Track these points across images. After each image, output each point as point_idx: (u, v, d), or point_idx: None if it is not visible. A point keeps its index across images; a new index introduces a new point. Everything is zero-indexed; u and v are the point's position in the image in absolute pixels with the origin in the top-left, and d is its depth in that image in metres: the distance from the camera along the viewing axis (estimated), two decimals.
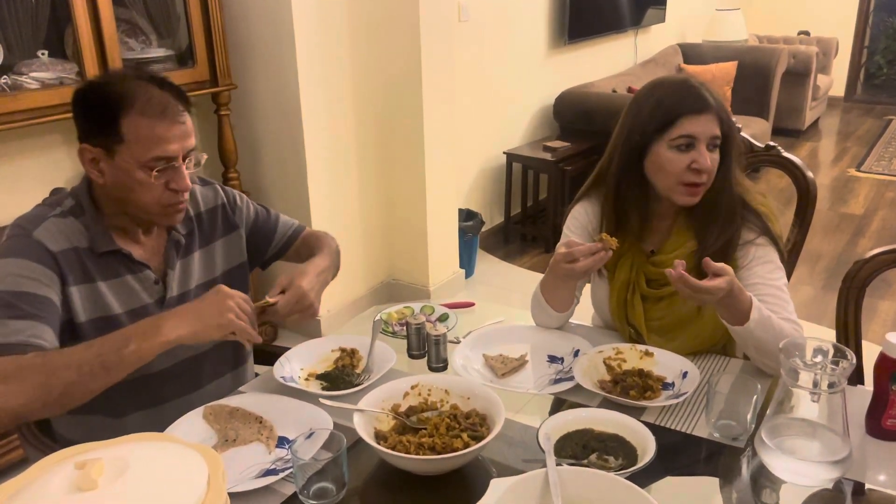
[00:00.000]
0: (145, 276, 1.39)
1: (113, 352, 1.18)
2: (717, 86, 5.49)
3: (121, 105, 1.26)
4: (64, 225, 1.31)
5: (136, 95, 1.27)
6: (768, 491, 1.15)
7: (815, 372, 1.10)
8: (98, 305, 1.33)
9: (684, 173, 1.43)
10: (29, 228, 1.29)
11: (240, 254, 1.56)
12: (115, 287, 1.35)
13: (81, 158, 1.31)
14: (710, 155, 1.43)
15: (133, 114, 1.26)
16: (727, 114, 1.46)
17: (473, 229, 3.79)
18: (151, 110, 1.27)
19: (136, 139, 1.26)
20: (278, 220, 1.64)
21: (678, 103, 1.43)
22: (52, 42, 2.46)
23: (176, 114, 1.29)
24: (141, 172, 1.28)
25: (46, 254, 1.27)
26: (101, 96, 1.28)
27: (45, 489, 0.83)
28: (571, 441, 1.18)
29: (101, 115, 1.27)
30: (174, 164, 1.30)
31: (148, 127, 1.27)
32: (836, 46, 7.04)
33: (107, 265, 1.34)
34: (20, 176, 2.53)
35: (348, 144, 3.18)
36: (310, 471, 1.09)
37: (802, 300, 3.54)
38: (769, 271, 1.45)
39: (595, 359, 1.43)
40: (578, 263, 1.40)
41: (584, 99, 4.51)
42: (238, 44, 2.94)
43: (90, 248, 1.32)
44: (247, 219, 1.59)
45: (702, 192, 1.46)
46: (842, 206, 4.92)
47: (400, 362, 1.47)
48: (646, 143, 1.46)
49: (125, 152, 1.27)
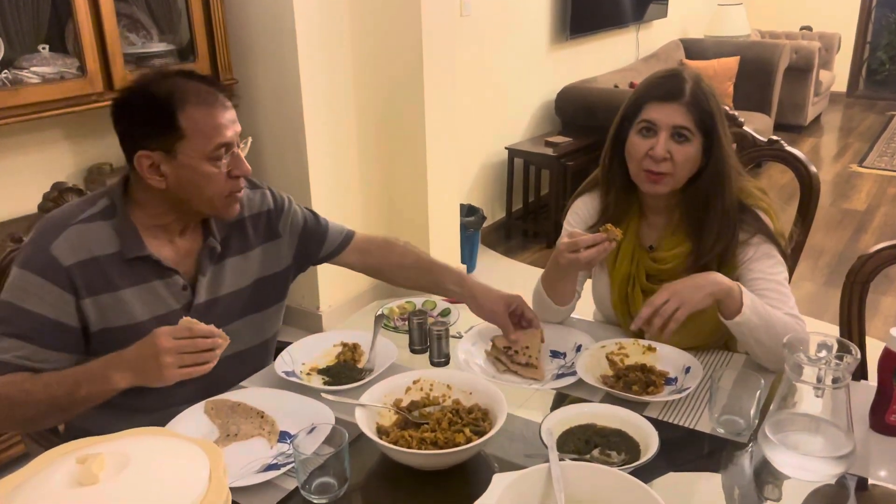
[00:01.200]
0: (174, 282, 1.36)
1: (65, 395, 1.21)
2: (719, 81, 5.47)
3: (174, 101, 1.25)
4: (89, 231, 1.30)
5: (185, 89, 1.26)
6: (771, 486, 1.15)
7: (819, 367, 1.09)
8: (120, 314, 1.31)
9: (644, 159, 1.44)
10: (48, 240, 1.27)
11: (279, 262, 1.53)
12: (140, 293, 1.33)
13: (139, 167, 1.28)
14: (673, 144, 1.42)
15: (189, 107, 1.25)
16: (708, 112, 1.42)
17: (475, 224, 3.78)
18: (204, 100, 1.27)
19: (196, 131, 1.26)
20: (328, 226, 1.61)
21: (648, 90, 1.46)
22: (52, 37, 2.45)
23: (223, 100, 1.30)
24: (207, 164, 1.28)
25: (59, 270, 1.26)
26: (150, 98, 1.27)
27: (46, 483, 0.83)
28: (574, 436, 1.18)
29: (155, 115, 1.26)
30: (234, 151, 1.30)
31: (206, 116, 1.26)
32: (839, 42, 7.02)
33: (134, 270, 1.32)
34: (21, 170, 2.53)
35: (349, 139, 3.17)
36: (311, 465, 1.09)
37: (804, 296, 3.53)
38: (769, 266, 1.44)
39: (597, 354, 1.43)
40: (582, 254, 1.39)
41: (586, 94, 4.50)
42: (239, 38, 2.93)
43: (119, 252, 1.31)
44: (293, 226, 1.55)
45: (666, 183, 1.45)
46: (844, 201, 4.91)
47: (401, 357, 1.47)
48: (624, 131, 1.48)
49: (188, 148, 1.26)
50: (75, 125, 2.63)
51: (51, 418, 1.27)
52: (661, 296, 1.31)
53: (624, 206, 1.55)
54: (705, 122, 1.43)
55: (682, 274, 1.48)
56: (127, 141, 1.29)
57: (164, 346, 1.15)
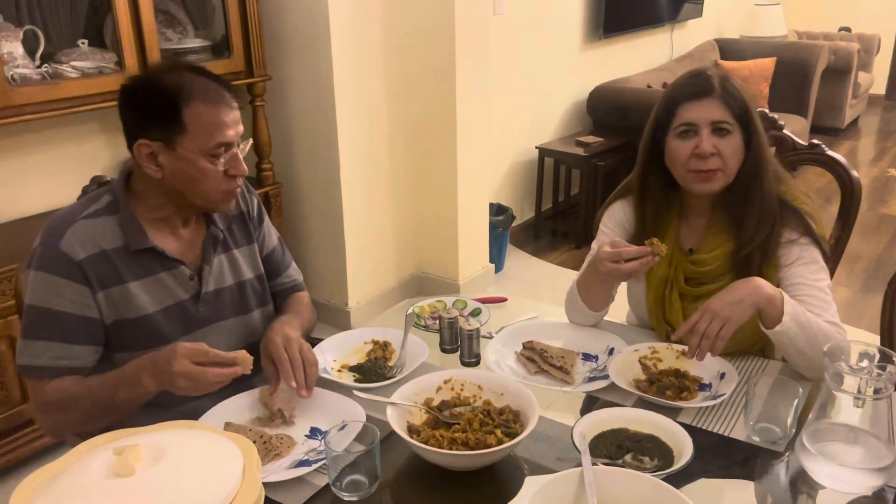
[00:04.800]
0: (180, 273, 1.38)
1: (107, 398, 1.26)
2: (755, 82, 5.39)
3: (181, 95, 1.26)
4: (94, 226, 1.31)
5: (194, 85, 1.27)
6: (805, 496, 1.13)
7: (860, 377, 1.07)
8: (130, 306, 1.33)
9: (690, 160, 1.43)
10: (56, 238, 1.29)
11: (258, 265, 1.52)
12: (148, 285, 1.35)
13: (138, 154, 1.30)
14: (717, 140, 1.41)
15: (194, 103, 1.26)
16: (742, 103, 1.42)
17: (504, 224, 3.77)
18: (210, 98, 1.28)
19: (198, 127, 1.27)
20: (290, 266, 1.60)
21: (678, 92, 1.46)
22: (91, 32, 2.49)
23: (229, 100, 1.31)
24: (205, 161, 1.29)
25: (73, 266, 1.28)
26: (158, 89, 1.28)
27: (84, 474, 0.84)
28: (606, 440, 1.17)
29: (160, 107, 1.27)
30: (233, 151, 1.32)
31: (210, 114, 1.28)
32: (878, 43, 6.88)
33: (140, 263, 1.34)
34: (59, 163, 2.57)
35: (381, 136, 3.17)
36: (342, 463, 1.09)
37: (840, 302, 3.46)
38: (812, 272, 1.42)
39: (630, 357, 1.41)
40: (624, 266, 1.38)
41: (619, 94, 4.46)
42: (273, 35, 2.95)
43: (124, 246, 1.32)
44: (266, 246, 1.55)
45: (718, 179, 1.44)
46: (882, 206, 4.81)
47: (432, 356, 1.46)
48: (660, 138, 1.47)
49: (188, 142, 1.27)
50: (112, 119, 2.65)
51: (98, 421, 1.28)
52: (703, 318, 1.28)
53: (663, 214, 1.54)
54: (741, 113, 1.42)
55: (723, 275, 1.47)
56: (130, 127, 1.31)
57: (179, 371, 1.17)
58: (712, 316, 1.28)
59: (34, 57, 2.29)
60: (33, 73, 2.25)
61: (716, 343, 1.27)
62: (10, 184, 2.47)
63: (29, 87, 2.20)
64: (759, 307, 1.30)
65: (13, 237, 2.35)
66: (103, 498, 0.81)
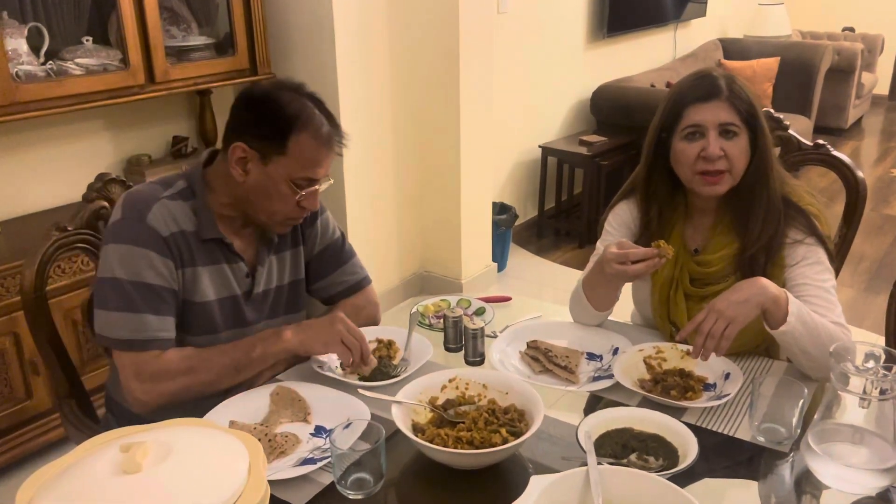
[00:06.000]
0: (239, 268, 1.43)
1: (243, 355, 1.34)
2: (758, 82, 5.38)
3: (297, 123, 1.31)
4: (174, 207, 1.35)
5: (311, 119, 1.33)
6: (810, 497, 1.13)
7: (866, 377, 1.07)
8: (197, 289, 1.37)
9: (696, 162, 1.43)
10: (142, 212, 1.32)
11: (299, 270, 1.55)
12: (212, 273, 1.39)
13: (231, 154, 1.33)
14: (724, 142, 1.41)
15: (304, 135, 1.32)
16: (748, 104, 1.42)
17: (507, 223, 3.77)
18: (320, 136, 1.33)
19: (297, 156, 1.32)
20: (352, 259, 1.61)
21: (685, 94, 1.45)
22: (95, 29, 2.49)
23: (335, 145, 1.37)
24: (286, 186, 1.34)
25: (160, 240, 1.32)
26: (279, 109, 1.32)
27: (91, 470, 0.84)
28: (611, 440, 1.17)
29: (273, 125, 1.32)
30: (315, 187, 1.36)
31: (313, 150, 1.33)
32: (882, 43, 6.86)
33: (208, 251, 1.38)
34: (63, 160, 2.57)
35: (385, 134, 3.17)
36: (347, 461, 1.09)
37: (844, 302, 3.43)
38: (817, 272, 1.42)
39: (635, 357, 1.41)
40: (630, 267, 1.38)
41: (622, 93, 4.46)
42: (277, 33, 2.95)
43: (196, 232, 1.37)
44: (319, 242, 1.57)
45: (725, 181, 1.43)
46: (885, 207, 4.81)
47: (436, 355, 1.47)
48: (666, 139, 1.47)
49: (282, 164, 1.33)
50: (116, 116, 2.67)
51: (226, 381, 1.34)
52: (709, 318, 1.28)
53: (668, 214, 1.54)
54: (748, 115, 1.42)
55: (728, 276, 1.47)
56: (235, 127, 1.35)
57: (341, 316, 1.36)
58: (717, 315, 1.28)
59: (39, 54, 2.29)
60: (38, 70, 2.26)
61: (721, 343, 1.27)
62: (14, 180, 2.47)
63: (33, 84, 2.20)
64: (764, 307, 1.30)
65: (18, 234, 2.35)
66: (109, 494, 0.81)
